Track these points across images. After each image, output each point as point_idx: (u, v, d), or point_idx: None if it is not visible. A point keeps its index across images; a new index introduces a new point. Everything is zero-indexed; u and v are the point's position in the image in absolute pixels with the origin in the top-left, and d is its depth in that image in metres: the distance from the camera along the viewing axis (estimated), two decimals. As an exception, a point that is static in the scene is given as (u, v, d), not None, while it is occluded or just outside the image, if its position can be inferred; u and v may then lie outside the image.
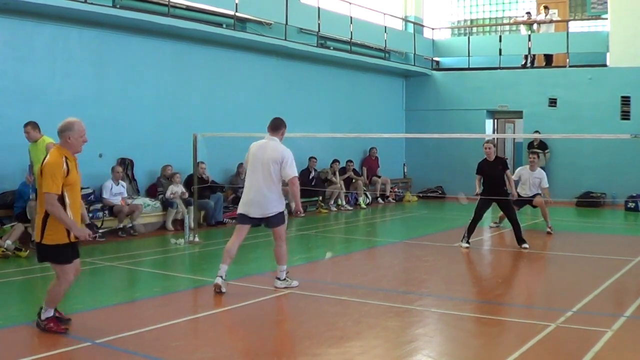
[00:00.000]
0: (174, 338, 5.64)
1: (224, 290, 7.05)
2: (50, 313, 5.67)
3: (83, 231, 5.54)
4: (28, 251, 9.33)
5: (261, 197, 7.19)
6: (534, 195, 12.01)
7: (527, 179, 12.11)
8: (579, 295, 7.11)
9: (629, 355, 5.28)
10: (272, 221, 7.28)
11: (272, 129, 7.61)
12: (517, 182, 11.84)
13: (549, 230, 11.87)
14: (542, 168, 17.45)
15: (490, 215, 13.46)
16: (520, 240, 10.34)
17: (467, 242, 10.43)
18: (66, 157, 5.47)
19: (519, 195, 11.43)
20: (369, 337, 5.50)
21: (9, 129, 10.66)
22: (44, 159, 5.54)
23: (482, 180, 10.75)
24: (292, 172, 7.24)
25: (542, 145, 17.80)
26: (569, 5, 20.45)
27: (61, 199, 5.42)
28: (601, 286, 7.59)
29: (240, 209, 7.35)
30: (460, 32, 22.45)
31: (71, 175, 5.47)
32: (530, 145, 18.05)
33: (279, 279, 7.42)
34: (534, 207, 12.29)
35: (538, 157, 12.54)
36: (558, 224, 12.68)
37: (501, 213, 11.62)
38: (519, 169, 12.68)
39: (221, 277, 7.09)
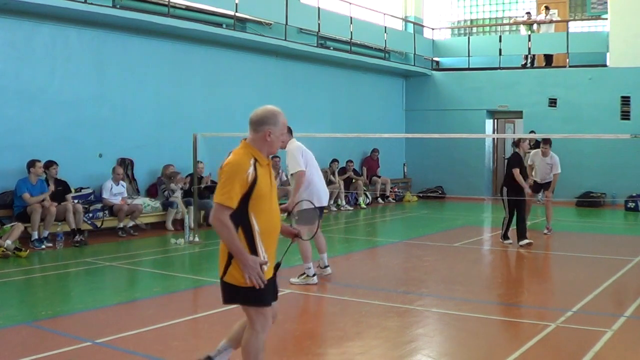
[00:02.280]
0: (174, 338, 5.64)
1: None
2: None
3: (253, 268, 3.71)
4: (27, 251, 9.33)
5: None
6: (548, 183, 12.07)
7: (539, 164, 12.17)
8: (579, 295, 7.10)
9: (629, 355, 5.27)
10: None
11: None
12: (531, 167, 12.18)
13: (546, 231, 11.86)
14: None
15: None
16: (521, 236, 10.49)
17: (507, 237, 10.74)
18: (256, 160, 3.85)
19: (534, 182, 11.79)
20: (369, 337, 5.50)
21: (9, 129, 10.68)
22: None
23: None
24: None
25: (537, 145, 17.76)
26: (569, 5, 20.44)
27: (246, 221, 3.77)
28: (601, 286, 7.59)
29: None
30: (460, 32, 22.45)
31: (261, 184, 3.80)
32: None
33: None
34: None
35: (550, 145, 12.60)
36: (558, 224, 12.69)
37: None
38: (532, 152, 12.68)
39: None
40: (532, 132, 16.91)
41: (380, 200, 17.84)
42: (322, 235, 8.02)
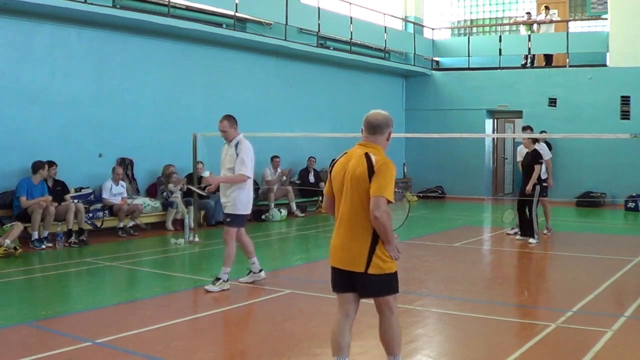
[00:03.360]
0: (174, 338, 5.64)
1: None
2: None
3: (395, 246, 4.28)
4: (20, 250, 9.28)
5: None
6: (545, 179, 11.75)
7: (525, 154, 11.86)
8: (579, 295, 7.11)
9: (629, 355, 5.27)
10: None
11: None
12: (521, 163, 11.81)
13: (546, 231, 11.84)
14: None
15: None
16: (526, 233, 10.89)
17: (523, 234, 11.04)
18: None
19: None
20: (369, 337, 5.49)
21: (9, 129, 10.67)
22: (364, 160, 4.14)
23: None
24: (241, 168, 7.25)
25: (547, 146, 17.72)
26: (569, 5, 20.44)
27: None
28: (601, 286, 7.59)
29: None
30: (460, 32, 22.45)
31: None
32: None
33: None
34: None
35: (531, 130, 12.46)
36: (558, 223, 12.68)
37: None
38: (519, 147, 12.50)
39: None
40: (543, 132, 16.90)
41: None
42: (251, 241, 7.70)
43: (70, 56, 11.53)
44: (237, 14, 14.06)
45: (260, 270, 7.68)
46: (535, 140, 11.42)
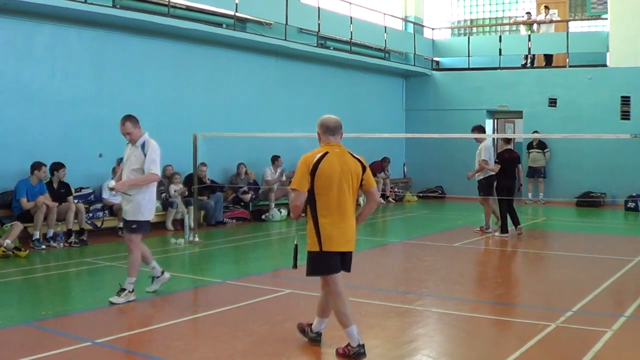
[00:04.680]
0: (174, 338, 5.63)
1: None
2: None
3: None
4: (27, 251, 9.32)
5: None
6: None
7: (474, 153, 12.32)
8: (579, 295, 7.11)
9: (629, 355, 5.28)
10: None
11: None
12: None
13: (478, 229, 12.11)
14: (543, 168, 17.56)
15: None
16: (502, 228, 11.56)
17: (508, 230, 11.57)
18: None
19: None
20: (369, 337, 5.49)
21: (9, 129, 10.68)
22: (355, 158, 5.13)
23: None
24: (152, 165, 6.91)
25: (541, 145, 17.82)
26: (569, 5, 20.45)
27: None
28: (601, 286, 7.59)
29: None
30: (460, 32, 22.45)
31: None
32: (530, 145, 18.09)
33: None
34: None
35: (481, 130, 12.78)
36: (558, 224, 12.69)
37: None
38: (487, 146, 12.75)
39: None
40: (535, 132, 16.92)
41: (380, 200, 17.80)
42: (146, 247, 7.32)
43: (70, 56, 11.53)
44: (237, 14, 14.06)
45: (163, 272, 7.32)
46: (509, 141, 11.83)
